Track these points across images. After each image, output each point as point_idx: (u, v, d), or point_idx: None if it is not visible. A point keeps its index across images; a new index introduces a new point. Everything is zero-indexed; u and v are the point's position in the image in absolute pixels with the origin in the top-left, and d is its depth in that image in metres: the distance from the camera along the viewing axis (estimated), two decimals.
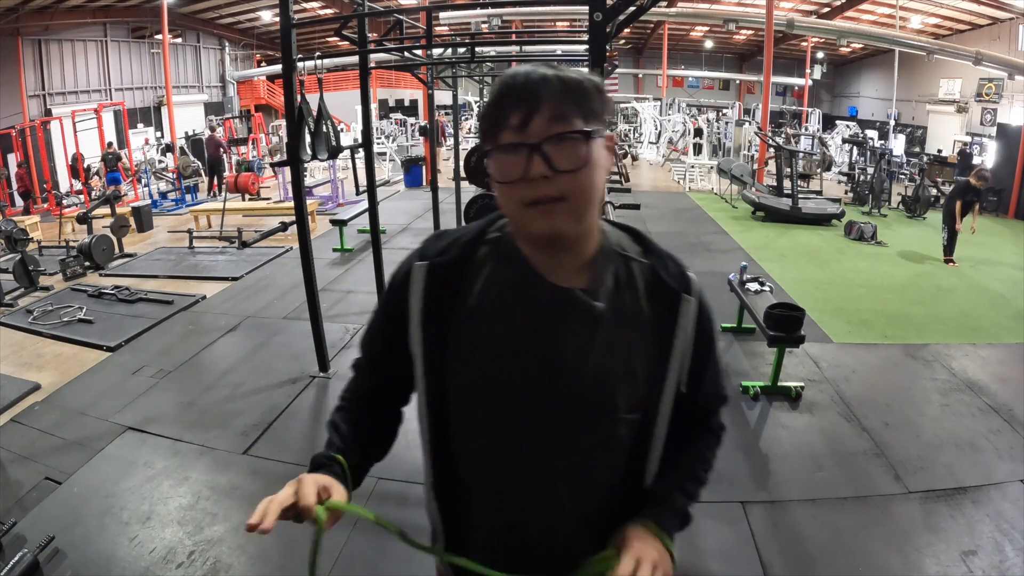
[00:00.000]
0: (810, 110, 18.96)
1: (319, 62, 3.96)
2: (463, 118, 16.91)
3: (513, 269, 0.85)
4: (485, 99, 0.84)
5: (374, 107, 17.14)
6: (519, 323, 0.84)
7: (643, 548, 0.82)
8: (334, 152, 4.23)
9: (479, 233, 0.90)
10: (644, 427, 0.89)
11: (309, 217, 4.46)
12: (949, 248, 7.00)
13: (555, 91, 0.77)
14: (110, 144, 11.75)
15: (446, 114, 16.48)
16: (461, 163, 7.04)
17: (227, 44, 19.91)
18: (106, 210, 8.14)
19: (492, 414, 0.86)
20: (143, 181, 11.69)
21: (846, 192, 11.47)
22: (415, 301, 0.88)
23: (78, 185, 11.56)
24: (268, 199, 10.53)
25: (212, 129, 14.84)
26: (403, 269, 0.91)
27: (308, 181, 10.08)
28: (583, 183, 0.78)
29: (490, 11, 10.96)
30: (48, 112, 13.58)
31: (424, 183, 12.03)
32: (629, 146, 16.42)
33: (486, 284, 0.86)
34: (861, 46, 18.89)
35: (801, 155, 11.56)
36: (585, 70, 0.84)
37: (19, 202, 11.32)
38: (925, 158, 13.72)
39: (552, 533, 0.90)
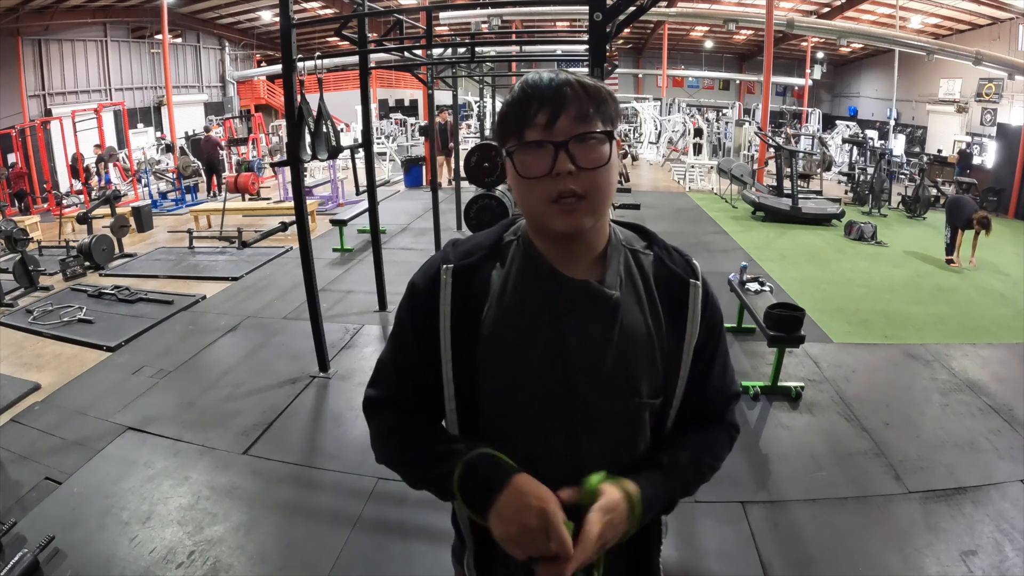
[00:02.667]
0: (810, 110, 18.96)
1: (319, 62, 3.96)
2: (462, 118, 16.88)
3: (532, 267, 0.90)
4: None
5: (374, 107, 17.14)
6: (542, 318, 0.88)
7: (616, 513, 0.83)
8: (334, 152, 4.23)
9: (499, 237, 0.95)
10: (663, 410, 0.94)
11: (309, 217, 4.47)
12: (950, 248, 6.99)
13: (579, 94, 0.83)
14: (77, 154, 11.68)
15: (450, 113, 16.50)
16: (461, 163, 7.04)
17: (227, 44, 19.91)
18: (106, 210, 8.14)
19: (522, 409, 0.90)
20: (143, 181, 11.69)
21: (846, 192, 11.47)
22: (444, 305, 0.91)
23: (78, 185, 11.55)
24: (268, 199, 10.53)
25: (207, 130, 14.84)
26: (428, 276, 0.94)
27: (308, 181, 10.08)
28: (602, 180, 0.84)
29: (490, 11, 10.95)
30: (48, 112, 13.58)
31: (424, 183, 12.02)
32: (629, 146, 16.42)
33: (509, 284, 0.90)
34: (861, 46, 18.88)
35: (801, 155, 11.56)
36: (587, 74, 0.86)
37: (16, 203, 11.31)
38: (925, 158, 13.72)
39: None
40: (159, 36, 15.63)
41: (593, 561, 0.83)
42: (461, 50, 6.05)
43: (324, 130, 4.06)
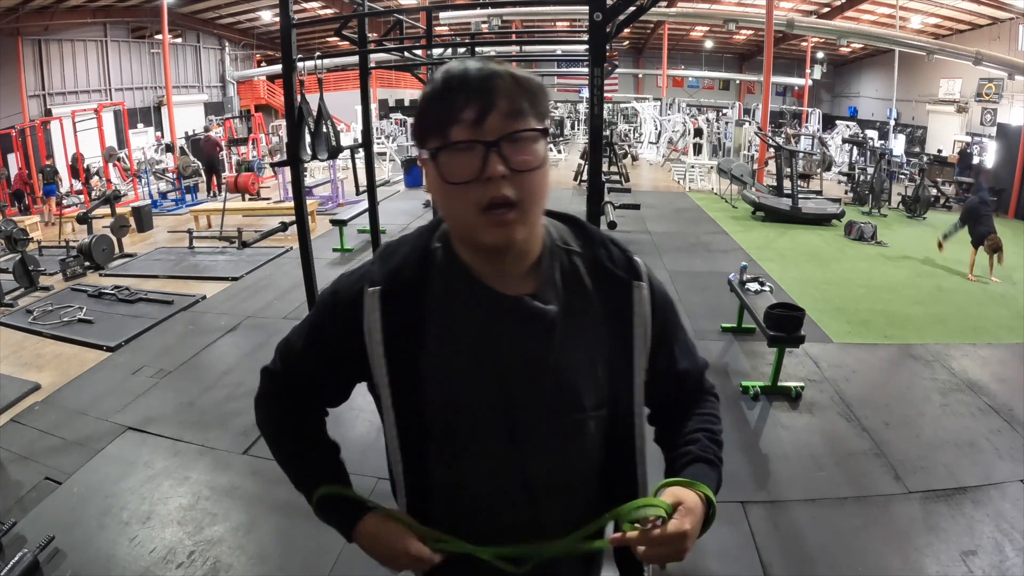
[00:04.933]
0: (810, 110, 18.95)
1: (319, 62, 3.96)
2: None
3: (461, 284, 0.82)
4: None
5: (374, 107, 17.13)
6: (476, 340, 0.82)
7: (693, 510, 0.79)
8: (334, 152, 4.23)
9: (425, 246, 0.85)
10: (618, 421, 0.88)
11: (309, 217, 4.46)
12: (947, 236, 6.91)
13: (511, 87, 0.73)
14: (50, 158, 11.66)
15: None
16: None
17: (227, 44, 19.91)
18: (106, 210, 8.14)
19: (467, 431, 0.84)
20: (143, 180, 11.69)
21: (846, 192, 11.47)
22: (374, 330, 0.83)
23: (78, 185, 11.55)
24: (268, 199, 10.53)
25: (207, 130, 14.84)
26: (349, 293, 0.85)
27: (308, 181, 10.08)
28: (537, 184, 0.75)
29: (490, 11, 10.96)
30: (48, 112, 13.58)
31: (424, 183, 12.00)
32: (629, 146, 16.41)
33: (439, 304, 0.83)
34: (861, 46, 18.88)
35: (801, 155, 11.56)
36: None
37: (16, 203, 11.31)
38: (925, 158, 13.72)
39: (539, 538, 0.88)
40: (159, 36, 15.64)
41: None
42: (461, 50, 6.05)
43: (324, 130, 4.06)
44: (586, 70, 2.98)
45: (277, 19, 6.50)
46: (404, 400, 0.85)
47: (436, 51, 5.98)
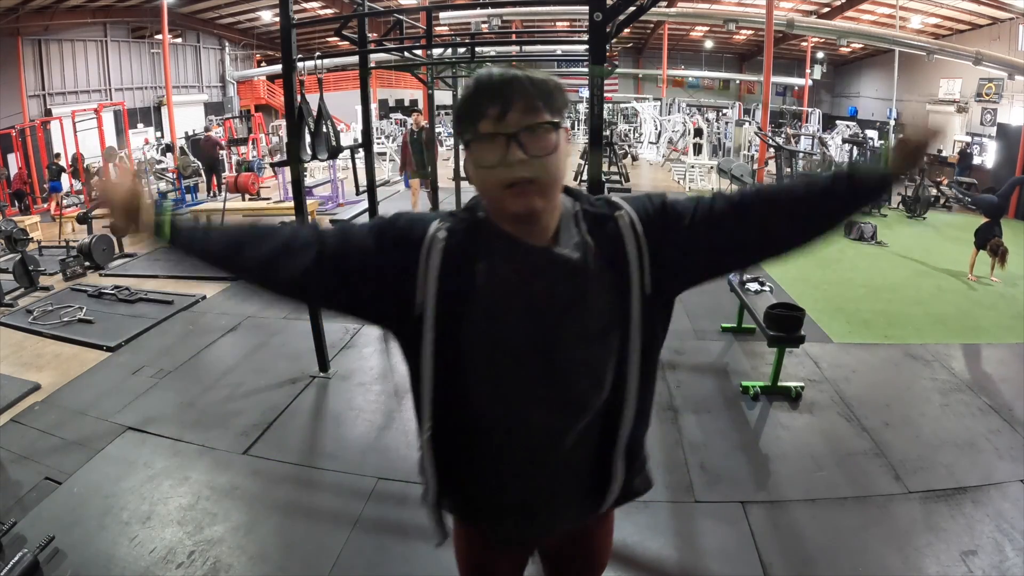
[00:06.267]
0: (810, 110, 18.95)
1: (319, 62, 3.96)
2: None
3: (501, 240, 0.98)
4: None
5: (374, 107, 17.14)
6: (513, 282, 0.97)
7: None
8: (334, 152, 4.23)
9: (474, 207, 1.03)
10: (622, 343, 1.01)
11: (309, 217, 4.46)
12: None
13: (526, 88, 0.91)
14: (58, 155, 11.72)
15: (446, 113, 16.50)
16: (462, 163, 7.03)
17: (227, 44, 19.91)
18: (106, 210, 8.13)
19: (500, 361, 0.98)
20: (143, 181, 11.68)
21: None
22: (433, 260, 0.97)
23: (78, 185, 11.54)
24: (268, 199, 10.53)
25: (207, 130, 14.83)
26: (416, 222, 1.01)
27: (308, 181, 10.07)
28: (551, 166, 0.92)
29: (490, 11, 10.95)
30: (48, 112, 13.58)
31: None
32: (629, 146, 16.41)
33: (487, 252, 0.98)
34: (861, 46, 18.88)
35: (801, 155, 11.56)
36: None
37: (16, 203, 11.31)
38: (925, 158, 13.70)
39: (555, 456, 1.03)
40: (159, 36, 15.63)
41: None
42: (461, 50, 6.06)
43: (324, 130, 4.07)
44: (586, 70, 2.98)
45: (277, 19, 6.50)
46: (446, 329, 0.98)
47: (436, 51, 5.98)
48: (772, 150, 10.83)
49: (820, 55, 22.20)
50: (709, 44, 24.42)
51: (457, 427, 1.04)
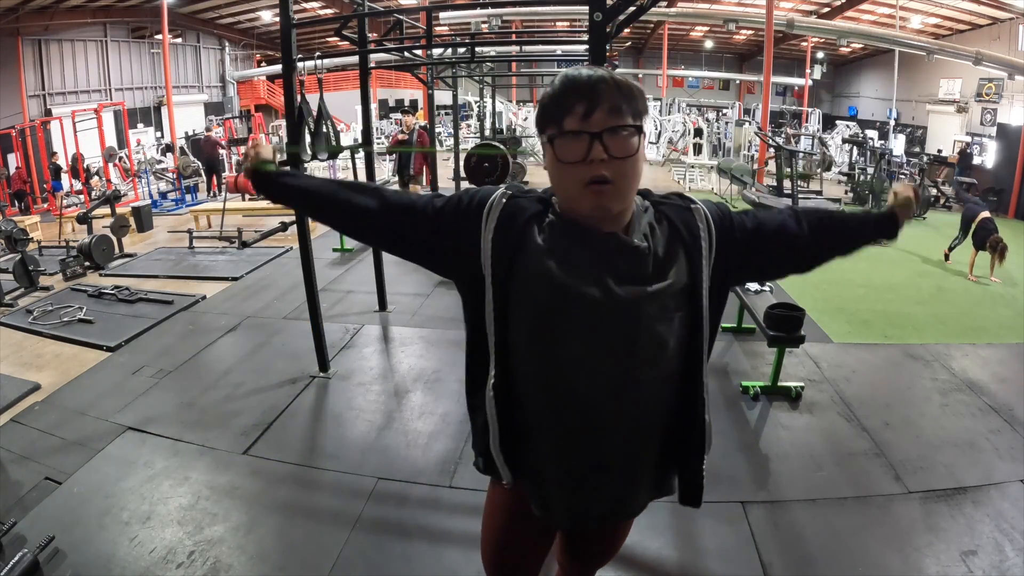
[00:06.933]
0: (810, 110, 18.95)
1: (319, 62, 3.96)
2: (462, 117, 16.87)
3: (568, 222, 1.01)
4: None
5: (374, 107, 17.13)
6: (576, 258, 0.99)
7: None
8: (334, 152, 4.22)
9: (549, 194, 1.06)
10: (693, 321, 1.04)
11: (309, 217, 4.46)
12: (952, 247, 6.98)
13: (613, 90, 0.93)
14: (54, 154, 11.75)
15: (446, 113, 16.48)
16: (461, 163, 7.04)
17: (227, 44, 19.91)
18: (106, 210, 8.14)
19: (559, 327, 0.99)
20: (143, 181, 11.69)
21: (846, 192, 11.46)
22: (491, 221, 1.02)
23: (78, 185, 11.55)
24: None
25: (207, 130, 14.83)
26: (487, 193, 1.06)
27: None
28: (630, 169, 0.95)
29: (490, 11, 10.95)
30: (48, 112, 13.58)
31: (424, 183, 12.01)
32: None
33: (549, 227, 1.01)
34: (861, 46, 18.87)
35: (801, 155, 11.57)
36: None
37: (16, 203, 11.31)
38: (925, 158, 13.72)
39: (617, 426, 1.04)
40: (159, 36, 15.63)
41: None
42: (461, 50, 6.05)
43: (324, 130, 4.06)
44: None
45: (277, 19, 6.50)
46: (501, 289, 1.01)
47: (436, 51, 5.98)
48: (772, 150, 10.83)
49: (820, 55, 22.20)
50: (709, 44, 24.43)
51: (511, 383, 1.07)
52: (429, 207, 1.09)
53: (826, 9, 16.94)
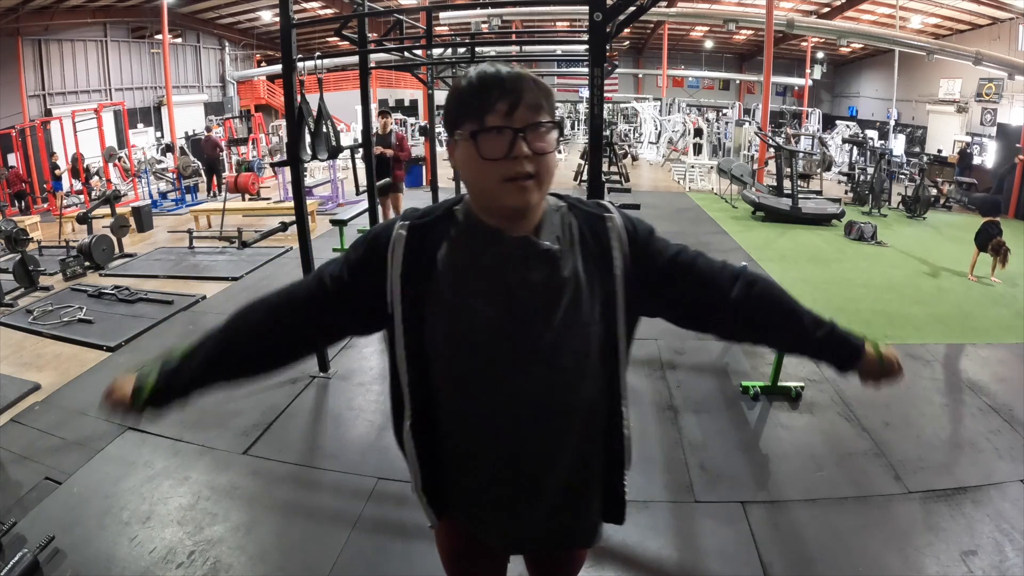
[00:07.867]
0: (810, 110, 18.96)
1: (319, 62, 3.96)
2: None
3: (476, 231, 1.00)
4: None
5: (374, 107, 17.11)
6: (488, 271, 0.98)
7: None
8: (334, 152, 4.22)
9: (450, 207, 1.05)
10: (607, 340, 1.03)
11: (309, 217, 4.46)
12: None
13: (533, 88, 0.94)
14: (53, 154, 11.77)
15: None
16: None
17: (227, 44, 19.93)
18: (106, 210, 8.14)
19: (473, 352, 0.99)
20: (143, 181, 11.69)
21: (846, 192, 11.47)
22: (396, 257, 1.00)
23: (78, 185, 11.55)
24: (268, 199, 10.53)
25: (207, 130, 14.84)
26: (386, 232, 1.03)
27: (308, 181, 10.07)
28: (550, 164, 0.96)
29: (490, 11, 10.96)
30: (48, 112, 13.59)
31: (424, 183, 12.02)
32: (629, 146, 16.41)
33: (458, 243, 1.00)
34: (861, 46, 18.89)
35: (801, 155, 11.56)
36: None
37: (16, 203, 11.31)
38: (925, 158, 13.72)
39: (543, 450, 1.03)
40: (159, 36, 15.64)
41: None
42: (461, 50, 6.05)
43: (324, 130, 4.06)
44: (586, 70, 2.98)
45: (277, 19, 6.50)
46: (413, 321, 1.00)
47: (436, 51, 5.98)
48: (772, 150, 10.83)
49: (820, 55, 22.22)
50: (709, 44, 24.44)
51: (435, 417, 1.07)
52: (335, 275, 1.05)
53: (826, 9, 16.96)
